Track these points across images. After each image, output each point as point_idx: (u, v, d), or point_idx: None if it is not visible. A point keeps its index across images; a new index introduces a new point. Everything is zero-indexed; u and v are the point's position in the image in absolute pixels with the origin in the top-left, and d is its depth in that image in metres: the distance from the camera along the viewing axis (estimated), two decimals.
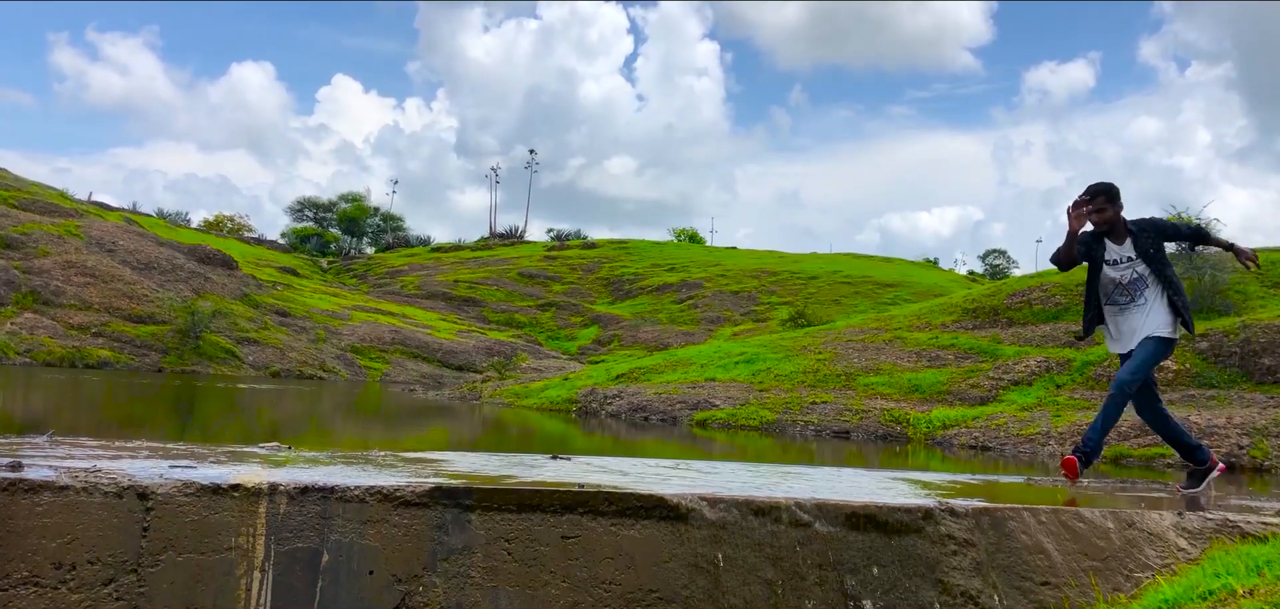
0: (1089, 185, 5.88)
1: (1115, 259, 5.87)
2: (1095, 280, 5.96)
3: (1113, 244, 5.88)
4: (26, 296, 33.70)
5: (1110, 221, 5.85)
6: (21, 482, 3.42)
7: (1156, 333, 5.84)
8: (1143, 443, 13.26)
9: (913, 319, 22.68)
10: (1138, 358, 5.85)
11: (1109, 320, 5.99)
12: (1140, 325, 5.85)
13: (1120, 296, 5.88)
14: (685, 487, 4.40)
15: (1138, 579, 4.48)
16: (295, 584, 3.57)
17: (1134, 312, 5.86)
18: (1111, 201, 5.84)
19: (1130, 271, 5.85)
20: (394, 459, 5.15)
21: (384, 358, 42.28)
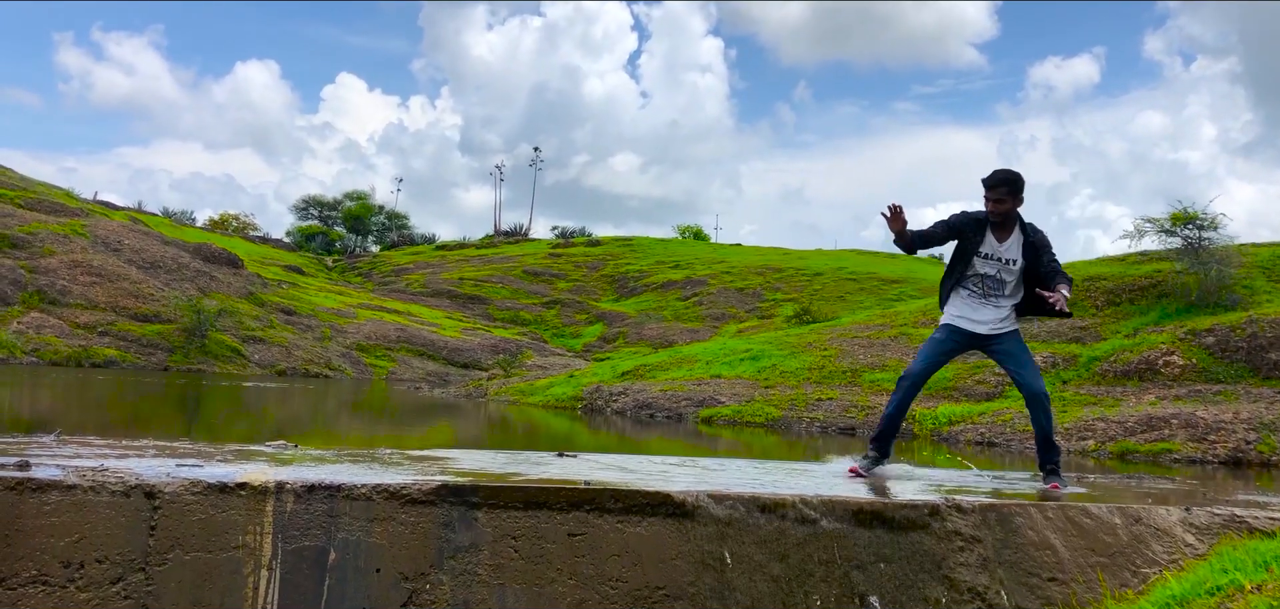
0: (995, 170, 5.52)
1: (988, 254, 5.57)
2: (960, 265, 5.66)
3: (994, 238, 5.56)
4: (33, 296, 33.77)
5: (1005, 214, 5.50)
6: (29, 481, 3.42)
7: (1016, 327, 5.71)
8: (1149, 438, 13.24)
9: (918, 315, 22.65)
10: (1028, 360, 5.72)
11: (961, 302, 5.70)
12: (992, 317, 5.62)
13: (976, 286, 5.64)
14: (691, 484, 4.40)
15: (1145, 575, 4.48)
16: (302, 583, 3.58)
17: (987, 306, 5.63)
18: (1013, 194, 5.48)
19: (1000, 272, 5.59)
20: (400, 457, 5.15)
21: (390, 356, 42.31)
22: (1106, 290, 20.06)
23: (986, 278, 5.61)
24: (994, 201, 5.48)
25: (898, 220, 5.43)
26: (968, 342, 5.72)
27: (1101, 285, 20.29)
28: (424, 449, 5.99)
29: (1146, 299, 19.31)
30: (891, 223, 5.44)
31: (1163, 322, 17.98)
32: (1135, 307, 19.21)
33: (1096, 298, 19.94)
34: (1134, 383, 15.98)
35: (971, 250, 5.58)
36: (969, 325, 5.67)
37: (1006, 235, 5.55)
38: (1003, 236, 5.55)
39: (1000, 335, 5.67)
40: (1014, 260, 5.56)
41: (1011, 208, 5.50)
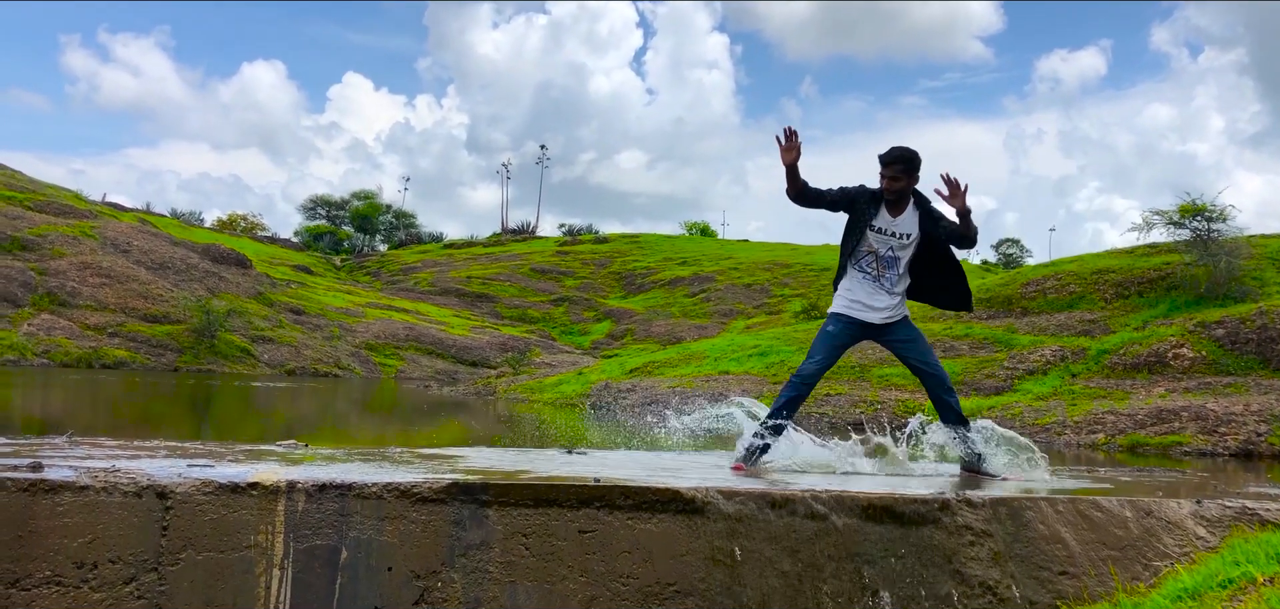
0: (891, 147, 5.43)
1: (882, 228, 5.47)
2: (853, 239, 5.54)
3: (888, 214, 5.46)
4: (43, 298, 33.90)
5: (900, 192, 5.43)
6: (42, 482, 3.44)
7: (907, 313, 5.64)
8: (1159, 431, 13.21)
9: (926, 309, 22.62)
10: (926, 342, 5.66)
11: (855, 285, 5.58)
12: (886, 305, 5.53)
13: (870, 266, 5.52)
14: (701, 480, 4.41)
15: (1156, 568, 4.47)
16: (314, 581, 3.59)
17: (881, 292, 5.53)
18: (908, 172, 5.42)
19: (894, 249, 5.50)
20: (411, 456, 5.17)
21: (398, 355, 42.39)
22: (1115, 283, 20.01)
23: (880, 256, 5.50)
24: (889, 179, 5.40)
25: (791, 146, 5.32)
26: (861, 332, 5.58)
27: (1110, 278, 20.24)
28: (434, 447, 6.01)
29: (1155, 292, 19.26)
30: (784, 151, 5.33)
31: (1172, 314, 17.94)
32: (1144, 299, 19.17)
33: (1105, 291, 19.89)
34: (1143, 376, 15.94)
35: (865, 223, 5.47)
36: (862, 313, 5.53)
37: (901, 211, 5.47)
38: (897, 212, 5.47)
39: (894, 324, 5.58)
40: (909, 234, 5.47)
41: (906, 186, 5.43)
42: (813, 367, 5.47)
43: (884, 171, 5.41)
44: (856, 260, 5.55)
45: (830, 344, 5.54)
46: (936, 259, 5.64)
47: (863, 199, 5.48)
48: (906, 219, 5.48)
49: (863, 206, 5.47)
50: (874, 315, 5.53)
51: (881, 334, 5.60)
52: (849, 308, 5.56)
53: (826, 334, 5.57)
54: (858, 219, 5.49)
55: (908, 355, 5.63)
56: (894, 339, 5.62)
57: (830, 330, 5.57)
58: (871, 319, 5.53)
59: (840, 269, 5.67)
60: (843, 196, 5.52)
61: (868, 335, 5.62)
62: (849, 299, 5.57)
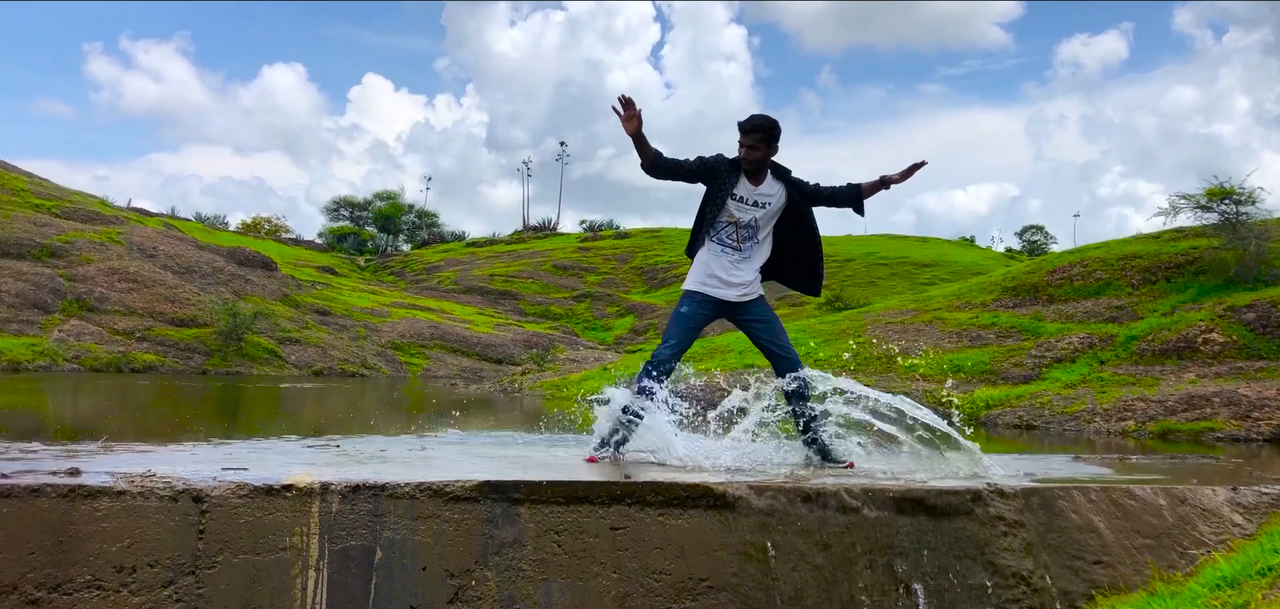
0: (751, 115, 5.29)
1: (743, 197, 5.34)
2: (712, 208, 5.39)
3: (749, 182, 5.34)
4: (72, 304, 34.22)
5: (759, 162, 5.31)
6: (81, 488, 3.48)
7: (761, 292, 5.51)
8: (1190, 417, 13.09)
9: (952, 299, 22.50)
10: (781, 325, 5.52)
11: (712, 258, 5.41)
12: (742, 280, 5.40)
13: (729, 237, 5.37)
14: (731, 474, 4.41)
15: (1193, 556, 4.43)
16: (350, 582, 3.61)
17: (739, 264, 5.39)
18: (768, 142, 5.28)
19: (754, 218, 5.37)
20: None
21: (424, 353, 42.57)
22: (1142, 269, 19.84)
23: (740, 225, 5.38)
24: (748, 147, 5.27)
25: (631, 115, 5.17)
26: (716, 310, 5.43)
27: (1137, 264, 20.07)
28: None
29: (1183, 276, 19.08)
30: (624, 121, 5.18)
31: (1201, 299, 17.77)
32: (1172, 285, 18.99)
33: (1132, 276, 19.73)
34: (1173, 362, 15.80)
35: (725, 193, 5.35)
36: (717, 290, 5.39)
37: (760, 181, 5.38)
38: (757, 181, 5.37)
39: (750, 303, 5.46)
40: (770, 201, 5.38)
41: (765, 156, 5.32)
42: (668, 351, 5.33)
43: (743, 140, 5.28)
44: (715, 232, 5.40)
45: (686, 325, 5.40)
46: (796, 235, 5.55)
47: (722, 168, 5.37)
48: (767, 187, 5.39)
49: (722, 176, 5.35)
50: (730, 292, 5.40)
51: (736, 313, 5.47)
52: (704, 285, 5.42)
53: (681, 316, 5.42)
54: (717, 189, 5.37)
55: (761, 336, 5.49)
56: (749, 318, 5.48)
57: (684, 311, 5.43)
58: (727, 296, 5.41)
59: (694, 242, 5.52)
60: (701, 166, 5.40)
61: (723, 314, 5.47)
62: (705, 275, 5.43)
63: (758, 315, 5.49)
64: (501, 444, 6.14)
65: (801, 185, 5.50)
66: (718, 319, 5.51)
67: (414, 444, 5.73)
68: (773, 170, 5.42)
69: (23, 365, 28.59)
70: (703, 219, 5.45)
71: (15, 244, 36.21)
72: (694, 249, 5.53)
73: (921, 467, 5.26)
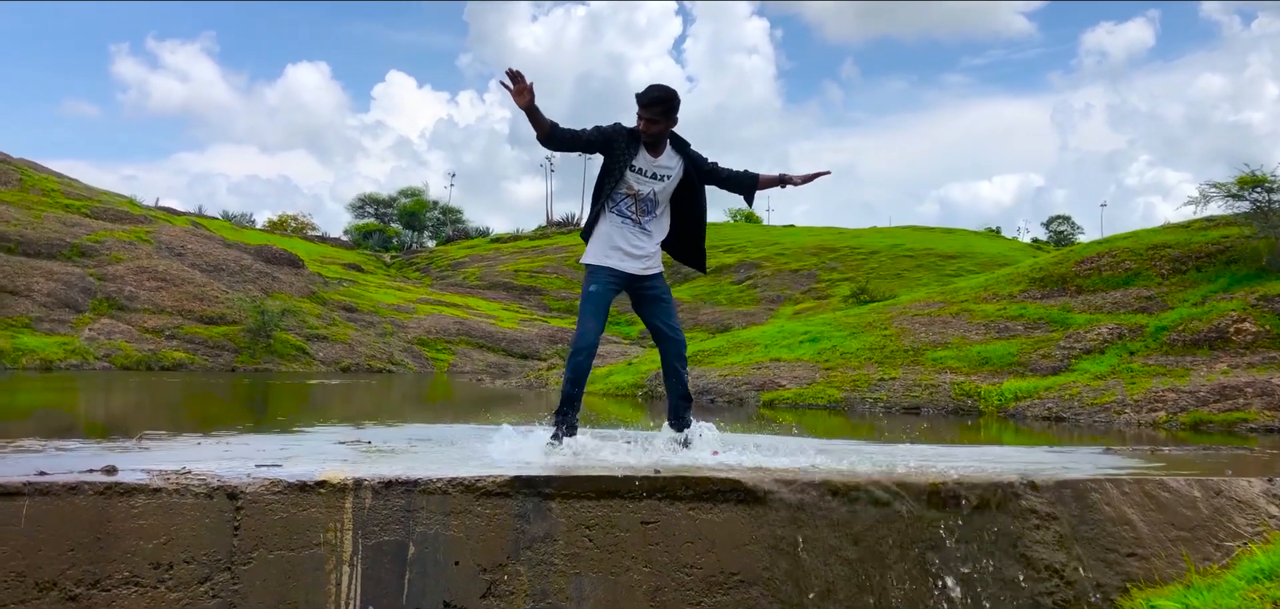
0: (649, 87, 5.27)
1: (642, 169, 5.33)
2: (611, 181, 5.36)
3: (648, 153, 5.33)
4: (102, 303, 34.59)
5: (658, 135, 5.30)
6: (117, 485, 3.52)
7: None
8: (1223, 407, 12.97)
9: (979, 290, 22.37)
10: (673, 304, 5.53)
11: (614, 230, 5.38)
12: (645, 251, 5.40)
13: (629, 209, 5.36)
14: (760, 469, 4.40)
15: (1228, 548, 4.39)
16: (383, 576, 3.64)
17: (640, 235, 5.38)
18: (667, 115, 5.26)
19: (654, 190, 5.37)
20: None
21: (450, 349, 42.76)
22: (1172, 258, 19.65)
23: (640, 198, 5.36)
24: (647, 121, 5.25)
25: (521, 88, 5.10)
26: (622, 282, 5.40)
27: (1166, 253, 19.88)
28: None
29: (1214, 266, 18.89)
30: (515, 95, 5.12)
31: (1232, 288, 17.58)
32: (1202, 274, 18.80)
33: (1161, 266, 19.54)
34: (1204, 352, 15.65)
35: (624, 164, 5.32)
36: (621, 262, 5.37)
37: (659, 153, 5.36)
38: (656, 153, 5.35)
39: (651, 276, 5.45)
40: (669, 170, 5.37)
41: (664, 129, 5.31)
42: (590, 334, 5.33)
43: (642, 113, 5.26)
44: (614, 204, 5.38)
45: (597, 304, 5.38)
46: (686, 208, 5.55)
47: (620, 139, 5.33)
48: (666, 159, 5.38)
49: (621, 147, 5.32)
50: (634, 263, 5.39)
51: (638, 285, 5.46)
52: (608, 257, 5.38)
53: (590, 295, 5.38)
54: (615, 160, 5.33)
55: (655, 314, 5.50)
56: (647, 292, 5.48)
57: (593, 291, 5.39)
58: (632, 269, 5.39)
59: (593, 217, 5.46)
60: (599, 136, 5.35)
61: (625, 287, 5.45)
62: (608, 247, 5.39)
63: (657, 290, 5.51)
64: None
65: (700, 160, 5.53)
66: (623, 291, 5.48)
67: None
68: (672, 142, 5.42)
69: (55, 364, 28.93)
70: (601, 190, 5.42)
71: (46, 244, 36.64)
72: (592, 225, 5.47)
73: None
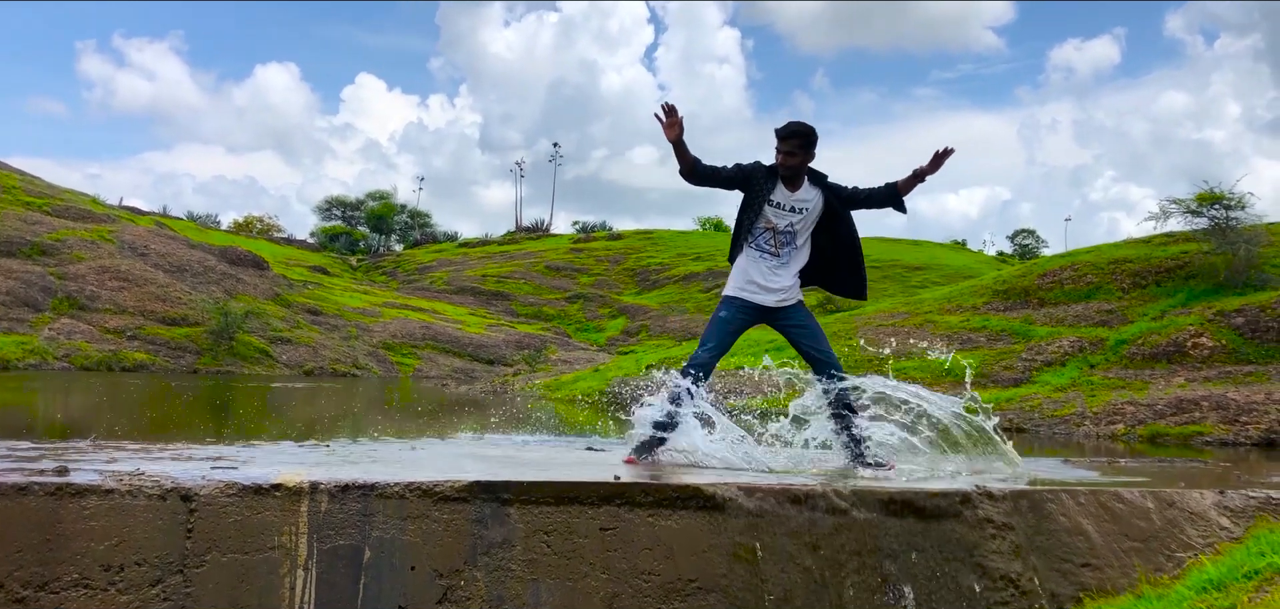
0: (788, 122, 5.36)
1: (780, 203, 5.41)
2: (750, 215, 5.45)
3: (785, 188, 5.41)
4: (63, 302, 34.11)
5: (796, 169, 5.38)
6: (68, 486, 3.47)
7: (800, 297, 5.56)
8: (1179, 420, 13.13)
9: (943, 302, 22.55)
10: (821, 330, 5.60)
11: (751, 264, 5.47)
12: (782, 285, 5.46)
13: (767, 243, 5.44)
14: (721, 476, 4.41)
15: (1180, 559, 4.45)
16: (338, 581, 3.61)
17: (779, 270, 5.45)
18: (805, 148, 5.35)
19: (792, 223, 5.43)
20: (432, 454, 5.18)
21: (415, 353, 42.51)
22: (1132, 273, 19.90)
23: (778, 231, 5.43)
24: (785, 154, 5.34)
25: (673, 122, 5.19)
26: (755, 316, 5.47)
27: (1127, 268, 20.13)
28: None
29: (1173, 281, 19.14)
30: (666, 128, 5.20)
31: (1191, 303, 17.82)
32: (1162, 289, 19.05)
33: (1122, 281, 19.78)
34: (1163, 365, 15.85)
35: (762, 199, 5.39)
36: (756, 295, 5.44)
37: (797, 187, 5.43)
38: (794, 187, 5.42)
39: (789, 308, 5.50)
40: (808, 205, 5.43)
41: (802, 162, 5.38)
42: (706, 354, 5.40)
43: (780, 146, 5.35)
44: (753, 238, 5.45)
45: (724, 330, 5.46)
46: (836, 240, 5.60)
47: (759, 175, 5.41)
48: (804, 192, 5.44)
49: (759, 182, 5.40)
50: (769, 297, 5.45)
51: (776, 318, 5.52)
52: (743, 290, 5.46)
53: (720, 320, 5.47)
54: (754, 195, 5.41)
55: (801, 341, 5.55)
56: (789, 323, 5.53)
57: (723, 316, 5.48)
58: (766, 301, 5.45)
59: (735, 249, 5.57)
60: (739, 174, 5.44)
61: (762, 319, 5.51)
62: (744, 281, 5.47)
63: (797, 320, 5.56)
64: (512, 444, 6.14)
65: (839, 190, 5.57)
66: (757, 324, 5.57)
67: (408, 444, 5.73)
68: (810, 176, 5.48)
69: (13, 363, 28.49)
70: (741, 226, 5.51)
71: (6, 242, 36.10)
72: (734, 255, 5.59)
73: (964, 468, 5.47)
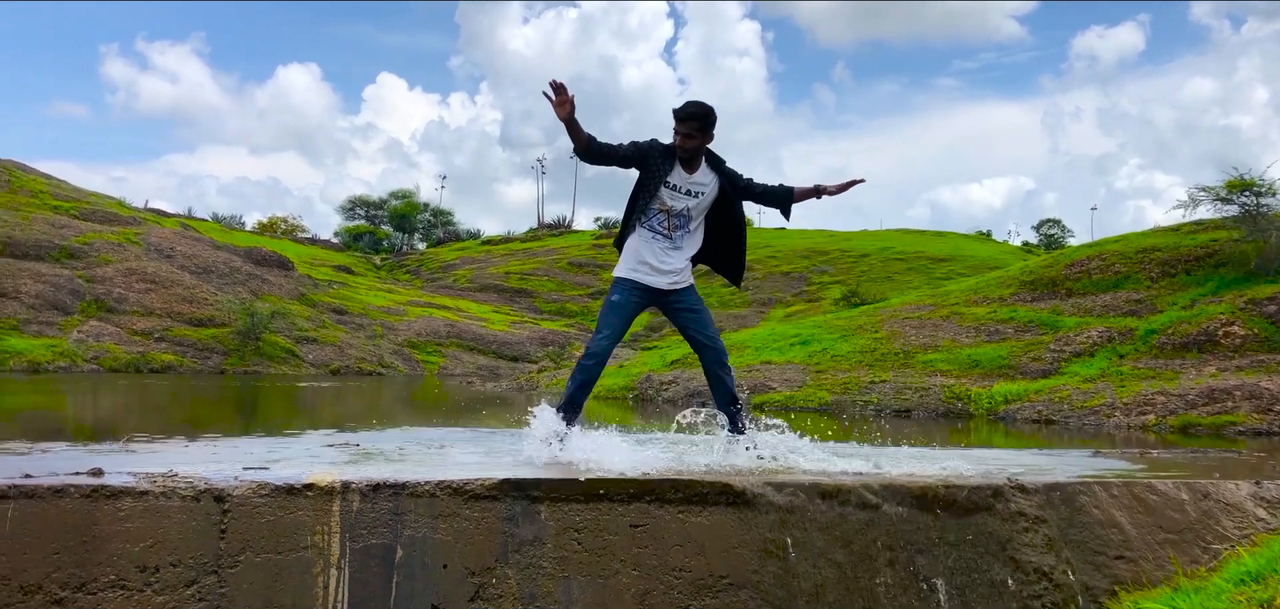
0: (686, 102, 5.24)
1: (676, 185, 5.31)
2: (644, 197, 5.35)
3: (683, 170, 5.31)
4: (91, 305, 34.44)
5: (694, 151, 5.29)
6: (104, 488, 3.50)
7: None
8: (1211, 410, 13.01)
9: (969, 293, 22.41)
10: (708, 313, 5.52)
11: (643, 245, 5.37)
12: (674, 268, 5.38)
13: (661, 225, 5.34)
14: (751, 471, 4.40)
15: (1216, 551, 4.40)
16: (371, 580, 3.62)
17: (671, 252, 5.36)
18: (703, 130, 5.25)
19: (688, 206, 5.35)
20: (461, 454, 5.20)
21: (440, 351, 42.69)
22: (1161, 262, 19.72)
23: (673, 214, 5.34)
24: (684, 135, 5.25)
25: (563, 100, 5.02)
26: (647, 298, 5.39)
27: (1156, 257, 19.95)
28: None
29: (1203, 269, 18.95)
30: (556, 106, 5.04)
31: (1221, 291, 17.64)
32: (1191, 277, 18.86)
33: (1151, 270, 19.61)
34: (1193, 355, 15.70)
35: (659, 180, 5.30)
36: (648, 277, 5.36)
37: (695, 169, 5.35)
38: (691, 169, 5.34)
39: (680, 291, 5.43)
40: (704, 188, 5.36)
41: (700, 144, 5.30)
42: (604, 341, 5.30)
43: (679, 128, 5.25)
44: (646, 219, 5.37)
45: (618, 314, 5.35)
46: (724, 225, 5.55)
47: (656, 154, 5.32)
48: (702, 176, 5.37)
49: (656, 162, 5.31)
50: (661, 279, 5.37)
51: (667, 300, 5.44)
52: (634, 271, 5.38)
53: (613, 304, 5.37)
54: (651, 176, 5.32)
55: (690, 325, 5.48)
56: (679, 307, 5.47)
57: (615, 300, 5.38)
58: (659, 283, 5.37)
59: (625, 230, 5.47)
60: (635, 152, 5.34)
61: (653, 302, 5.44)
62: (636, 262, 5.38)
63: (687, 304, 5.49)
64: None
65: (735, 177, 5.51)
66: (650, 307, 5.49)
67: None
68: (707, 159, 5.40)
69: (42, 366, 28.80)
70: (634, 206, 5.41)
71: (34, 245, 36.49)
72: (624, 236, 5.48)
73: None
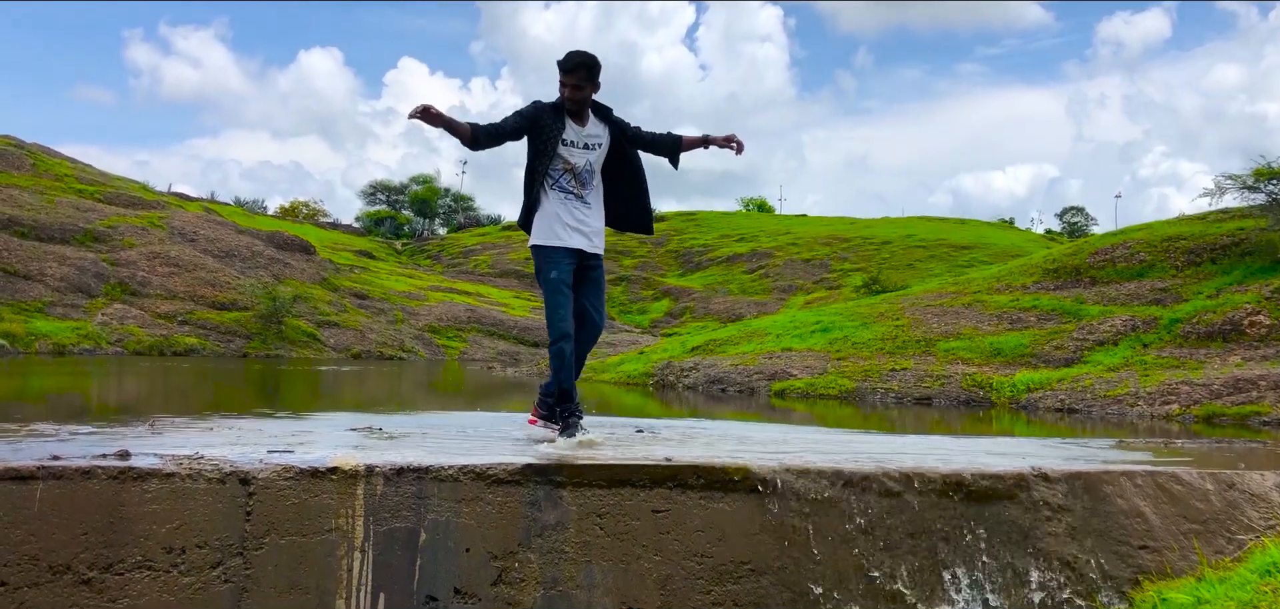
0: (569, 53, 5.14)
1: (572, 140, 5.20)
2: (544, 160, 5.20)
3: (575, 124, 5.21)
4: (115, 288, 34.71)
5: (582, 101, 5.18)
6: (131, 470, 3.53)
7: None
8: (1236, 400, 12.90)
9: (991, 281, 22.28)
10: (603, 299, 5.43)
11: (560, 207, 5.22)
12: (595, 227, 5.27)
13: (570, 184, 5.21)
14: (772, 458, 4.40)
15: (1241, 541, 4.38)
16: (395, 563, 3.65)
17: (587, 210, 5.27)
18: (591, 79, 5.16)
19: (587, 161, 5.25)
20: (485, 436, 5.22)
21: (461, 336, 42.81)
22: (1186, 250, 19.55)
23: (577, 171, 5.23)
24: (572, 87, 5.14)
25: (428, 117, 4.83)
26: (573, 260, 5.22)
27: (1181, 245, 19.78)
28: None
29: (1229, 258, 18.78)
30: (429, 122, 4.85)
31: (1247, 281, 17.47)
32: (1217, 266, 18.69)
33: (1176, 258, 19.45)
34: (1218, 344, 15.57)
35: (554, 140, 5.17)
36: (572, 238, 5.22)
37: (585, 122, 5.25)
38: (582, 122, 5.24)
39: (596, 255, 5.33)
40: (599, 139, 5.28)
41: (589, 94, 5.21)
42: (567, 323, 5.21)
43: (565, 80, 5.15)
44: (554, 180, 5.24)
45: (562, 290, 5.21)
46: (624, 176, 5.48)
47: (545, 115, 5.19)
48: (593, 128, 5.29)
49: (547, 123, 5.17)
50: (583, 240, 5.25)
51: (584, 261, 5.31)
52: (558, 236, 5.22)
53: (551, 282, 5.20)
54: (545, 139, 5.18)
55: (590, 295, 5.38)
56: (589, 271, 5.36)
57: (554, 276, 5.20)
58: (582, 245, 5.24)
59: (531, 202, 5.30)
60: (522, 120, 5.19)
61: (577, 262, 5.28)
62: (558, 225, 5.22)
63: (598, 272, 5.43)
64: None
65: (624, 125, 5.44)
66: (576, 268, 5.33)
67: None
68: (594, 110, 5.33)
69: (67, 348, 29.07)
70: (535, 172, 5.26)
71: (59, 229, 36.78)
72: (531, 209, 5.32)
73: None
